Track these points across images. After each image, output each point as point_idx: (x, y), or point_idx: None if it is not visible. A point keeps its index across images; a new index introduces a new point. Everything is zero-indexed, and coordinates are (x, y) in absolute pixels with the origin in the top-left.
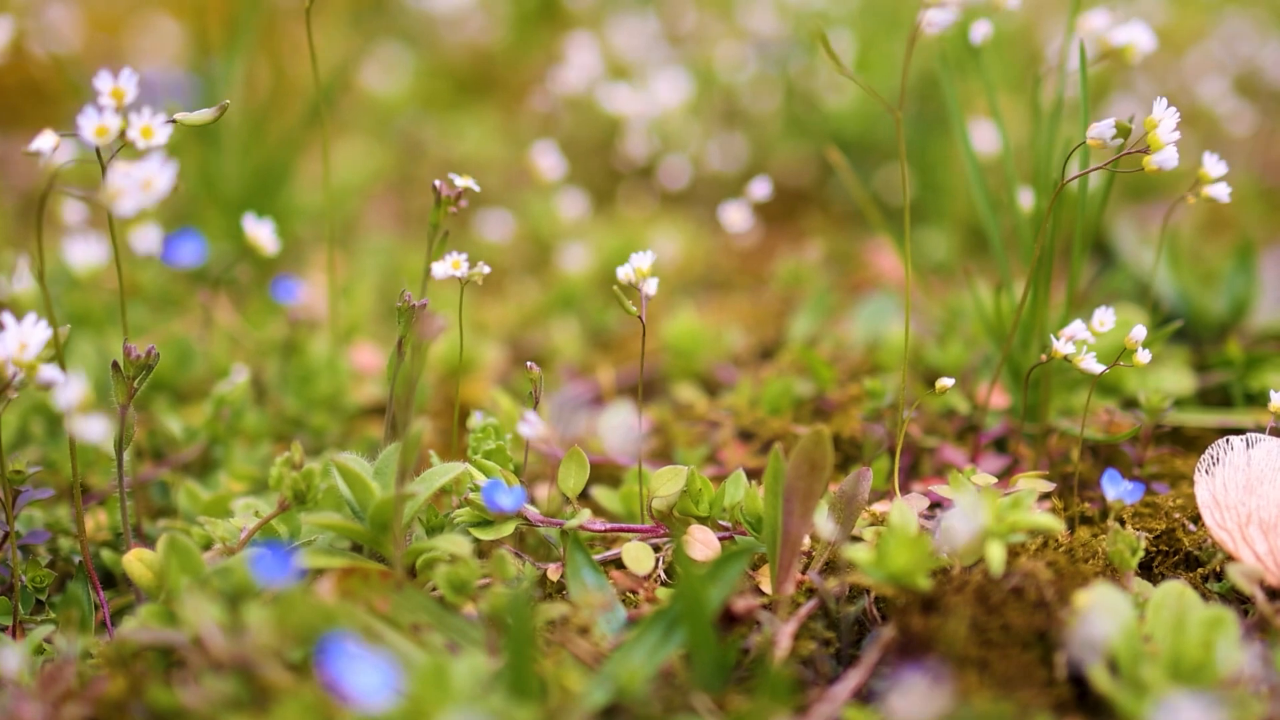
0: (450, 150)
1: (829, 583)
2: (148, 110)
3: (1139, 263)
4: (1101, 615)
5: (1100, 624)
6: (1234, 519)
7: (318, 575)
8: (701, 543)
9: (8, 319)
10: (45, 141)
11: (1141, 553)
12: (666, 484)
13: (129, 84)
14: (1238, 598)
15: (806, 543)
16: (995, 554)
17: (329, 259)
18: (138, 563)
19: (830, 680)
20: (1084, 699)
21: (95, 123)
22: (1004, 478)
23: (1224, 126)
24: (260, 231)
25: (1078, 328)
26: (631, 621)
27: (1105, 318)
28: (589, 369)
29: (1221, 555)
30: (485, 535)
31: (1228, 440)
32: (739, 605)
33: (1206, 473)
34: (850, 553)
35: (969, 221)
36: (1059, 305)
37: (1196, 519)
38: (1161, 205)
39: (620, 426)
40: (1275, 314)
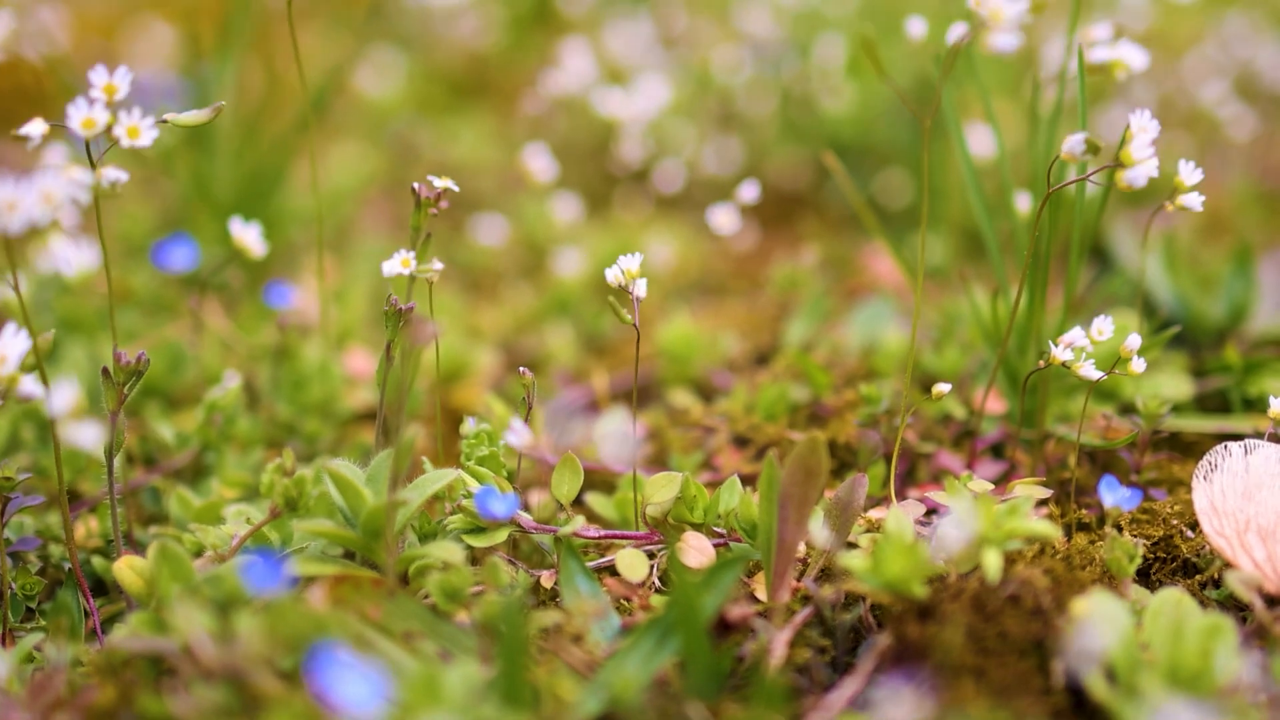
0: (445, 154)
1: (824, 590)
2: (138, 111)
3: (1136, 267)
4: (1098, 624)
5: (1097, 634)
6: (1232, 526)
7: (309, 582)
8: (696, 550)
9: None
10: (35, 128)
11: (1139, 560)
12: (661, 490)
13: (123, 81)
14: (1236, 605)
15: (802, 549)
16: (992, 561)
17: (319, 264)
18: (128, 570)
19: (826, 688)
20: (1081, 707)
21: (84, 114)
22: (1001, 484)
23: (1223, 130)
24: (247, 235)
25: (1076, 334)
26: (625, 629)
27: (1104, 326)
28: (584, 374)
29: (1220, 562)
30: (478, 542)
31: (1226, 446)
32: (734, 613)
33: (1204, 479)
34: (845, 560)
35: (966, 226)
36: (1056, 310)
37: (1194, 525)
38: (1160, 210)
39: (615, 434)
40: (1274, 319)
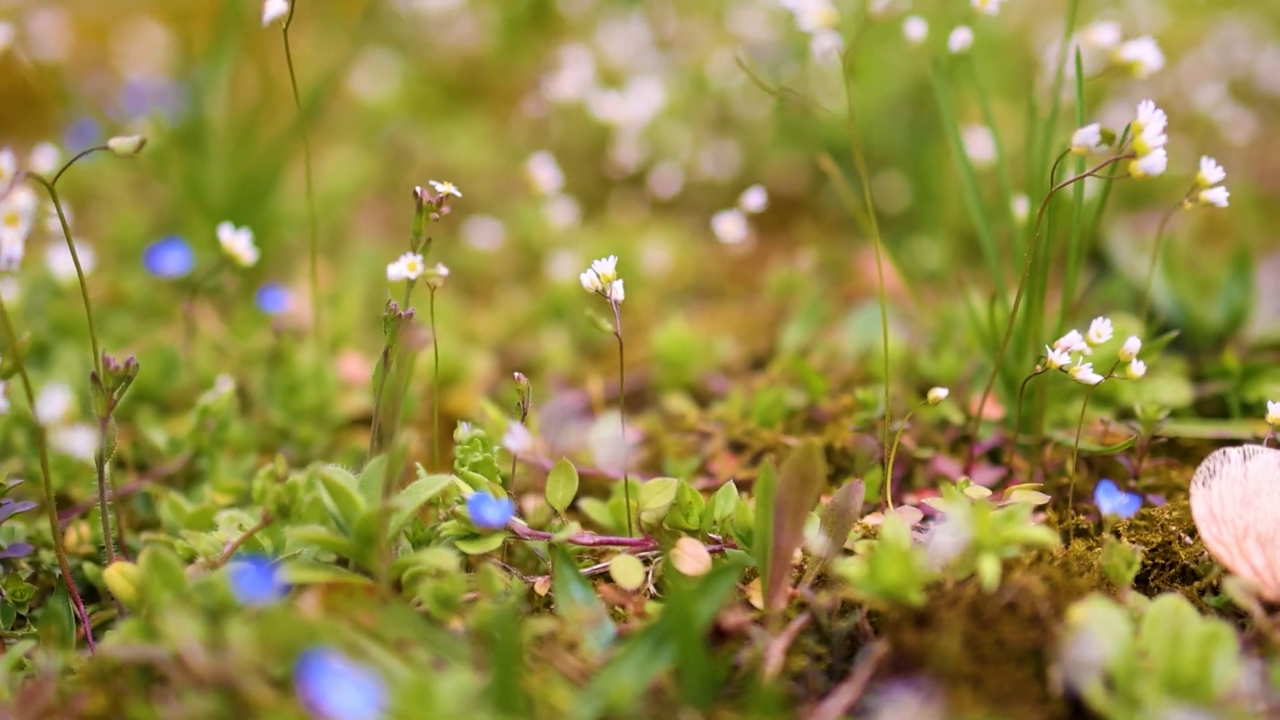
0: (440, 157)
1: (821, 597)
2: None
3: (1135, 271)
4: (1097, 632)
5: (1095, 642)
6: (1231, 532)
7: (302, 589)
8: (691, 556)
9: None
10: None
11: (1137, 566)
12: (656, 496)
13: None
14: (1235, 612)
15: (798, 556)
16: (989, 569)
17: (312, 268)
18: (119, 577)
19: (822, 696)
20: (1079, 715)
21: None
22: (998, 489)
23: (1221, 133)
24: (237, 242)
25: (1073, 338)
26: (620, 637)
27: (1103, 329)
28: (579, 379)
29: (1218, 569)
30: (472, 549)
31: (1224, 452)
32: (729, 620)
33: (1203, 485)
34: (842, 568)
35: (963, 229)
36: (1054, 314)
37: (1193, 532)
38: (1158, 213)
39: (610, 440)
40: (1272, 324)
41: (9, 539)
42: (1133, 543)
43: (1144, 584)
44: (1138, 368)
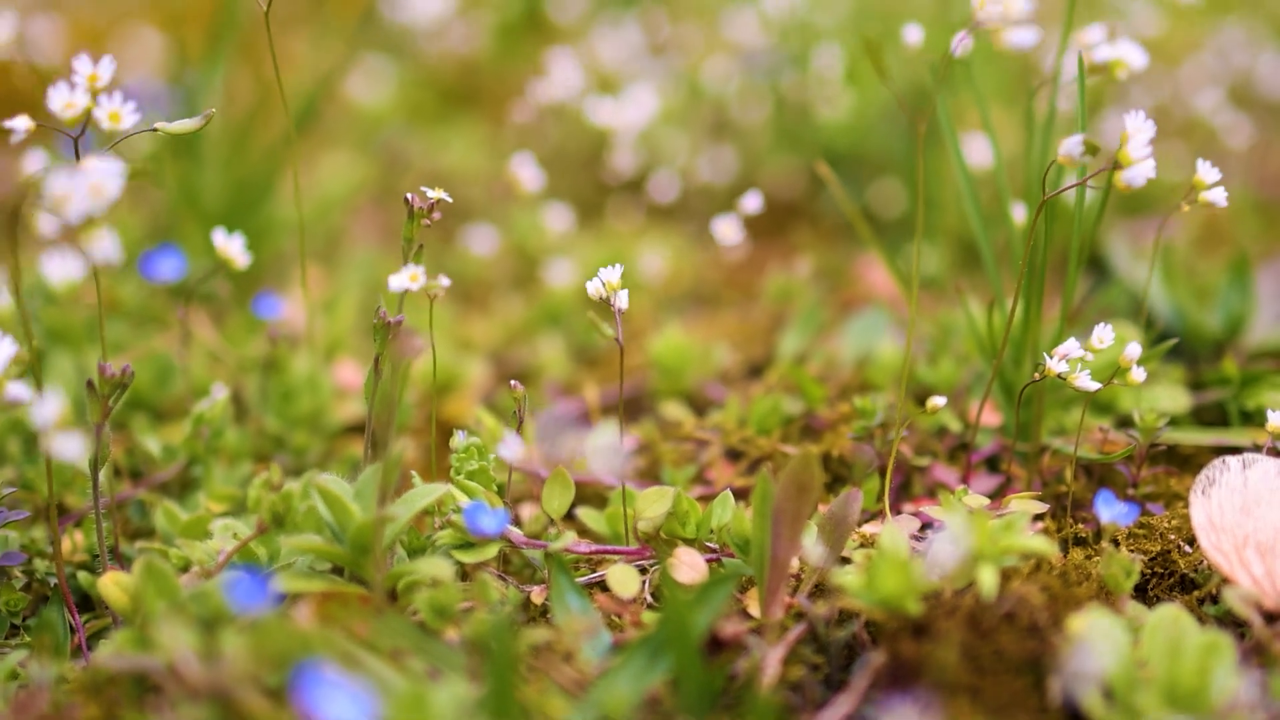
0: (435, 162)
1: (818, 606)
2: (119, 96)
3: (1133, 278)
4: (1095, 643)
5: (1094, 653)
6: (1230, 541)
7: (297, 599)
8: (688, 565)
9: None
10: (20, 122)
11: (1136, 576)
12: (653, 505)
13: (106, 71)
14: (1234, 621)
15: (795, 565)
16: (987, 578)
17: (302, 274)
18: (114, 586)
19: (819, 706)
20: None
21: (65, 98)
22: (996, 497)
23: (1220, 139)
24: (231, 247)
25: (1072, 346)
26: (616, 646)
27: (1104, 335)
28: (575, 386)
29: (1218, 578)
30: (468, 558)
31: (1224, 461)
32: (726, 630)
33: (1202, 494)
34: (839, 578)
35: (961, 235)
36: (1053, 321)
37: (1192, 541)
38: (1157, 219)
39: (606, 448)
40: (1272, 330)
41: (2, 548)
42: (1132, 551)
43: (1143, 593)
44: (1138, 374)
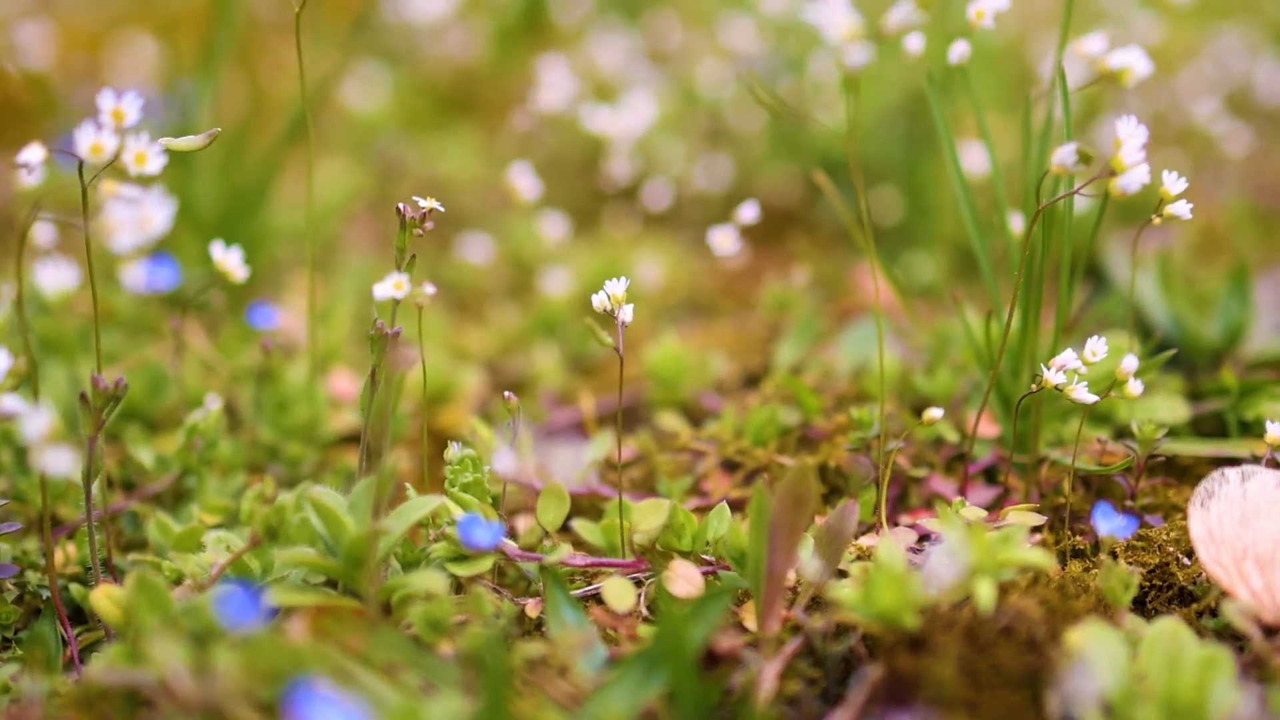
0: (431, 170)
1: (815, 620)
2: (146, 137)
3: (1131, 287)
4: (1093, 660)
5: (1092, 670)
6: (1229, 554)
7: (290, 613)
8: (684, 578)
9: None
10: (33, 154)
11: (1135, 589)
12: (649, 517)
13: (132, 107)
14: (1233, 635)
15: (792, 578)
16: (984, 592)
17: (310, 284)
18: (106, 600)
19: None
20: None
21: (92, 140)
22: (994, 509)
23: (1218, 147)
24: (229, 259)
25: (1069, 357)
26: (612, 660)
27: (1098, 347)
28: (571, 396)
29: (1217, 591)
30: (462, 571)
31: (1223, 473)
32: (722, 644)
33: (1201, 506)
34: (836, 591)
35: (958, 244)
36: (1050, 330)
37: (1191, 553)
38: (1154, 228)
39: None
40: (1270, 340)
41: None
42: (1130, 564)
43: (1141, 606)
44: (1135, 387)
